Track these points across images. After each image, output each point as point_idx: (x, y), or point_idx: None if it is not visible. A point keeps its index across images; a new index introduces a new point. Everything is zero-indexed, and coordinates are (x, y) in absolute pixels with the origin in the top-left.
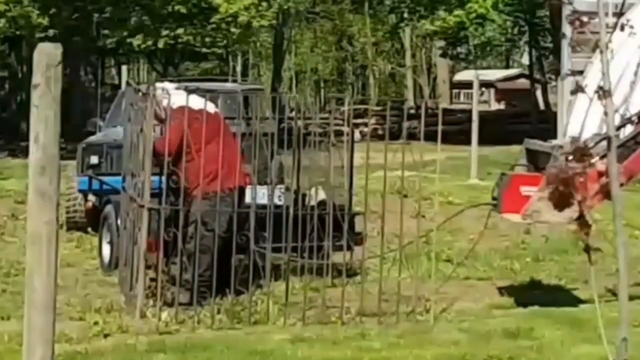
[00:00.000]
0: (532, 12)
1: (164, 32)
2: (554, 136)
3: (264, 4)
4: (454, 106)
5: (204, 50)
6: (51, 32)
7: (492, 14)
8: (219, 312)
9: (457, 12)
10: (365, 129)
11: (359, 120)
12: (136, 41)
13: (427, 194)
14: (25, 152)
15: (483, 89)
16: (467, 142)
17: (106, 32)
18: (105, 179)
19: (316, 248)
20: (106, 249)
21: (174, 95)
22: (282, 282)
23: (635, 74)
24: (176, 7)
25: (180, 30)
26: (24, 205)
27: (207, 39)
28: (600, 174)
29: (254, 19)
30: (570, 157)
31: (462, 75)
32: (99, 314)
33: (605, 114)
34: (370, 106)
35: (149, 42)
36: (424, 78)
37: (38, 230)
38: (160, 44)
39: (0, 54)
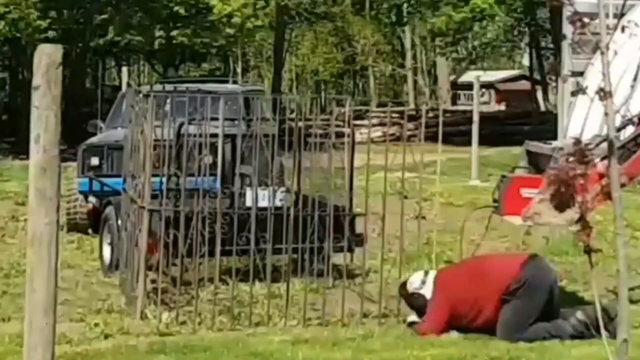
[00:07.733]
0: (533, 13)
1: (158, 33)
2: (555, 137)
3: (261, 2)
4: (454, 107)
5: (200, 50)
6: (51, 34)
7: (496, 9)
8: (219, 313)
9: (461, 9)
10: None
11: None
12: (129, 36)
13: (427, 195)
14: (26, 154)
15: (483, 90)
16: (468, 143)
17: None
18: (105, 180)
19: (317, 249)
20: (107, 251)
21: None
22: (282, 283)
23: (636, 75)
24: (175, 9)
25: (175, 32)
26: (24, 206)
27: (203, 40)
28: (601, 176)
29: (248, 20)
30: (571, 159)
31: (462, 77)
32: (100, 315)
33: (606, 115)
34: (371, 107)
35: (142, 39)
36: (425, 79)
37: (38, 231)
38: (155, 45)
39: (2, 55)
